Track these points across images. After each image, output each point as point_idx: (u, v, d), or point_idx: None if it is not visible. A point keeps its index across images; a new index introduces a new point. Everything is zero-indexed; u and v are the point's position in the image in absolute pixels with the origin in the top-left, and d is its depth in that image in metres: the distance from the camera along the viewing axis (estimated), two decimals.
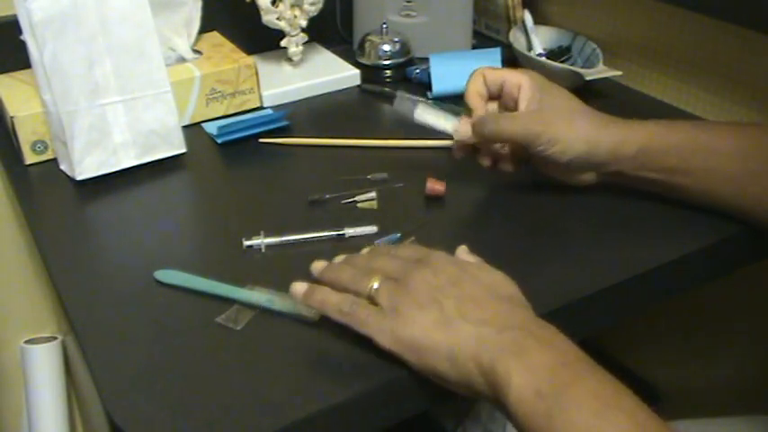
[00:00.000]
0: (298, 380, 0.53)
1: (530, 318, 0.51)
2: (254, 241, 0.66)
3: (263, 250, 0.66)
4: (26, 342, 1.11)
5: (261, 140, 0.83)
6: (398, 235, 0.66)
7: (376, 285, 0.53)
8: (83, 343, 0.57)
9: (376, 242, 0.65)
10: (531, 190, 0.74)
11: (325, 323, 0.57)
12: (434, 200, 0.72)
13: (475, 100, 0.68)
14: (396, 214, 0.71)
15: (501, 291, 0.54)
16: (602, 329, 0.63)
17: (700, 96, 0.90)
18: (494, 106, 0.70)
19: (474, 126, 0.67)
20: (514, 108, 0.67)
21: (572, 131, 0.64)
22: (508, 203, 0.72)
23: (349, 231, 0.67)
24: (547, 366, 0.47)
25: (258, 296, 0.59)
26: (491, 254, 0.59)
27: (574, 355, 0.48)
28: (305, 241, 0.67)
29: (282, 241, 0.67)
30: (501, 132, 0.65)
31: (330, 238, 0.67)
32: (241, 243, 0.66)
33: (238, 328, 0.57)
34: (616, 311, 0.65)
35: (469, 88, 0.69)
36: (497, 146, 0.69)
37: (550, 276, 0.62)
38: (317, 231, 0.67)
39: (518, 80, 0.67)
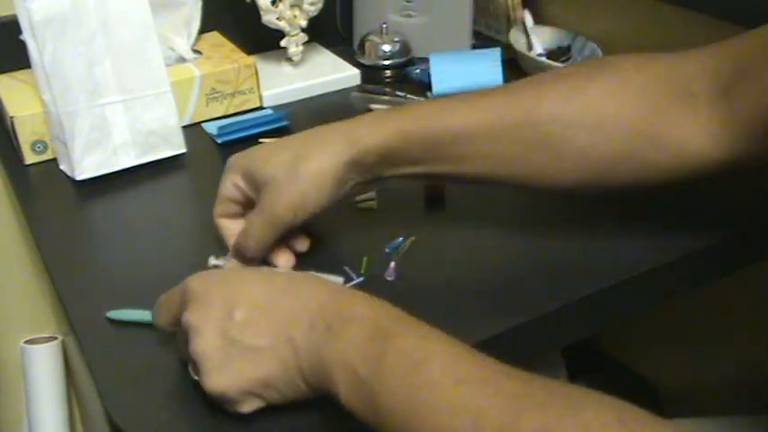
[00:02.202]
0: None
1: (306, 317, 0.47)
2: None
3: None
4: (26, 342, 1.11)
5: (261, 140, 0.83)
6: (400, 239, 0.66)
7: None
8: (83, 343, 0.57)
9: (386, 249, 0.65)
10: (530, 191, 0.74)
11: None
12: (434, 200, 0.72)
13: (225, 230, 0.64)
14: (396, 214, 0.70)
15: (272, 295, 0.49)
16: (602, 329, 0.63)
17: None
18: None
19: (236, 252, 0.61)
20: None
21: (301, 201, 0.59)
22: (507, 204, 0.72)
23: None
24: (357, 349, 0.44)
25: None
26: (490, 254, 0.59)
27: (380, 322, 0.46)
28: None
29: None
30: (259, 243, 0.60)
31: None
32: None
33: None
34: (616, 312, 0.65)
35: (215, 220, 0.65)
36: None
37: (550, 276, 0.62)
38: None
39: (233, 196, 0.63)
